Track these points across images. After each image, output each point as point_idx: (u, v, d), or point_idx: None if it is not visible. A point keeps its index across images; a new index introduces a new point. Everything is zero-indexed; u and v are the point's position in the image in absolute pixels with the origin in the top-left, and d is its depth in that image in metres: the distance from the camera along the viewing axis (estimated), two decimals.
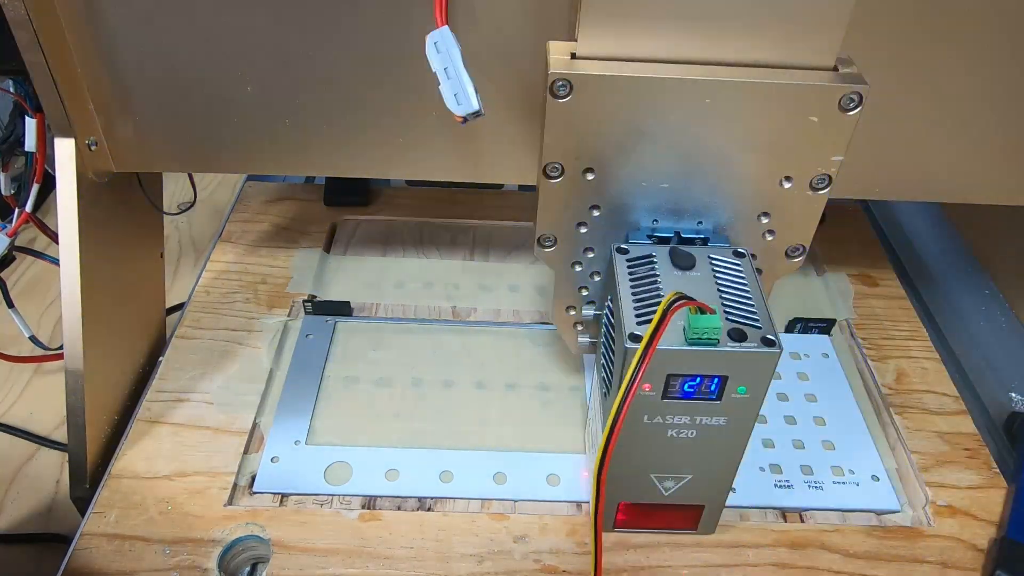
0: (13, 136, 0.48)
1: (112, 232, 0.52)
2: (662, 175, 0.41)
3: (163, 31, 0.43)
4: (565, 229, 0.43)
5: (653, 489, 0.43)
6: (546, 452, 0.51)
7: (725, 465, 0.42)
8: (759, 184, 0.41)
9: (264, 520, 0.46)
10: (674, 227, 0.43)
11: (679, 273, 0.40)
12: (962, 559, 0.46)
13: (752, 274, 0.40)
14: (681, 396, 0.38)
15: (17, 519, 0.58)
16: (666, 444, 0.40)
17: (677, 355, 0.36)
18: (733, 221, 0.43)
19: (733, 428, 0.39)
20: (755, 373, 0.37)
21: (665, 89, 0.38)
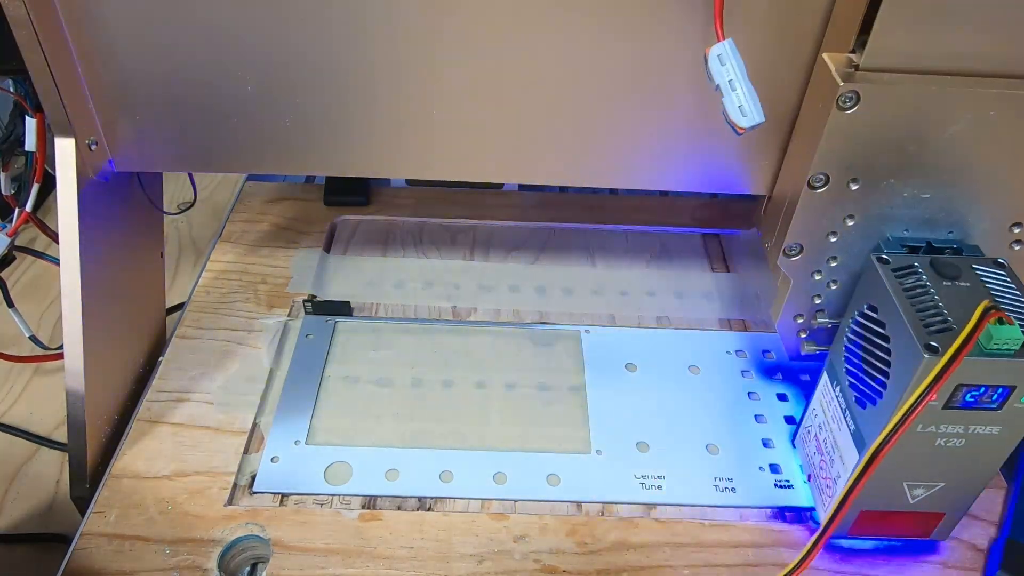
0: (13, 136, 0.48)
1: (112, 232, 0.52)
2: (927, 185, 0.41)
3: (163, 30, 0.43)
4: (815, 238, 0.44)
5: (900, 496, 0.42)
6: (546, 452, 0.51)
7: (984, 473, 0.41)
8: (1018, 195, 0.41)
9: (264, 520, 0.46)
10: (925, 236, 0.43)
11: (948, 284, 0.39)
12: (962, 559, 0.46)
13: (1019, 282, 0.40)
14: (962, 406, 0.38)
15: (17, 519, 0.58)
16: (931, 453, 0.40)
17: (974, 365, 0.36)
18: (985, 230, 0.43)
19: (1005, 437, 0.39)
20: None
21: (951, 101, 0.38)
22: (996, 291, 0.39)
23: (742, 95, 0.38)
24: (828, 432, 0.46)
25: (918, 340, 0.37)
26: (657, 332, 0.61)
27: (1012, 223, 0.43)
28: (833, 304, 0.46)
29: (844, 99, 0.38)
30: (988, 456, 0.41)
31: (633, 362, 0.58)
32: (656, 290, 0.65)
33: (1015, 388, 0.37)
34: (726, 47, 0.38)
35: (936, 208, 0.42)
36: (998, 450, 0.40)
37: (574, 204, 0.72)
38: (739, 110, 0.38)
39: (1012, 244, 0.44)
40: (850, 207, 0.42)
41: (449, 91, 0.45)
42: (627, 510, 0.48)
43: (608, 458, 0.51)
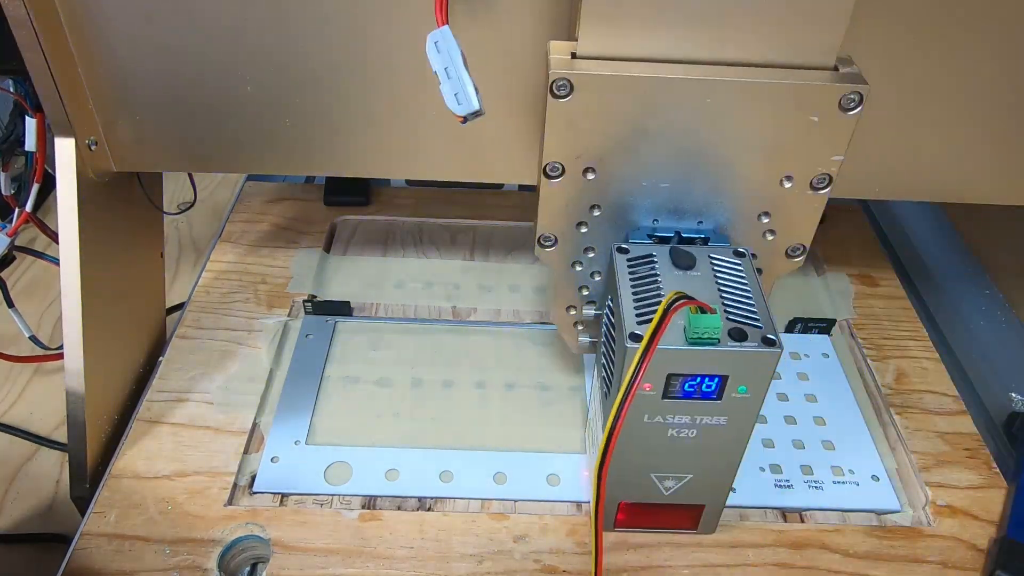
0: (13, 136, 0.48)
1: (112, 232, 0.52)
2: (663, 175, 0.41)
3: (163, 30, 0.43)
4: (565, 229, 0.43)
5: (654, 489, 0.43)
6: (546, 452, 0.51)
7: (726, 465, 0.42)
8: (760, 184, 0.41)
9: (264, 520, 0.46)
10: (675, 227, 0.43)
11: (680, 273, 0.40)
12: (962, 559, 0.46)
13: (752, 273, 0.40)
14: (682, 396, 0.38)
15: (17, 519, 0.58)
16: (667, 444, 0.40)
17: (678, 355, 0.36)
18: (734, 221, 0.43)
19: (733, 428, 0.39)
20: (756, 373, 0.37)
21: (665, 89, 0.38)
22: (725, 281, 0.39)
23: (458, 83, 0.37)
24: (597, 425, 0.46)
25: (627, 328, 0.37)
26: None
27: (760, 212, 0.43)
28: (599, 295, 0.47)
29: (557, 87, 0.38)
30: (724, 447, 0.41)
31: None
32: None
33: (727, 377, 0.37)
34: (442, 34, 0.38)
35: (679, 198, 0.42)
36: (732, 441, 0.40)
37: None
38: (455, 98, 0.37)
39: (764, 234, 0.43)
40: (593, 197, 0.42)
41: None
42: None
43: None
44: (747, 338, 0.36)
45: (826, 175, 0.41)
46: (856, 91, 0.37)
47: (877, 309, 0.63)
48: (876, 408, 0.56)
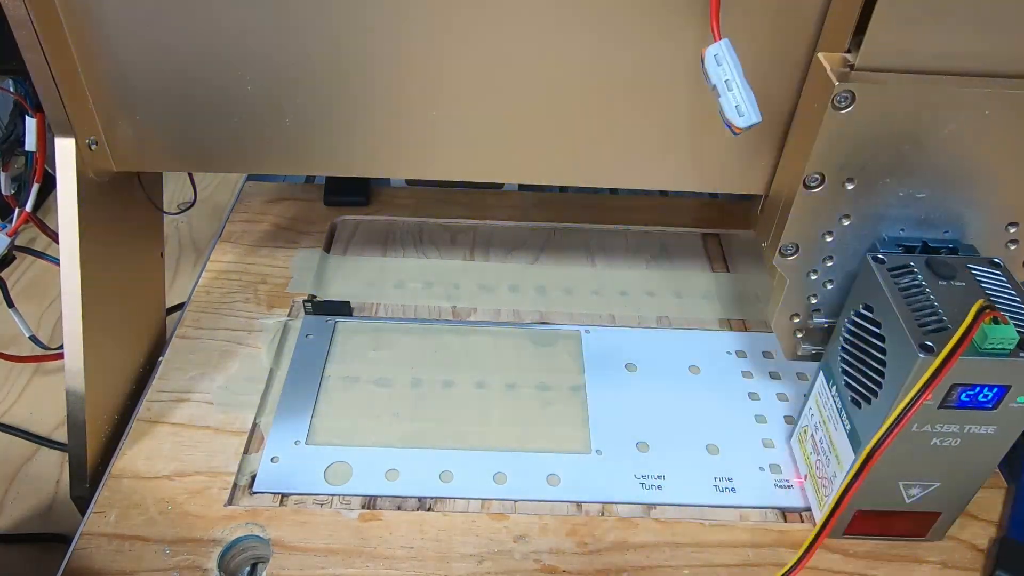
0: (13, 136, 0.48)
1: (112, 231, 0.52)
2: (923, 185, 0.41)
3: (163, 30, 0.43)
4: (810, 238, 0.44)
5: (896, 496, 0.43)
6: (546, 452, 0.51)
7: (980, 472, 0.42)
8: (1014, 194, 0.41)
9: (264, 520, 0.46)
10: (921, 236, 0.43)
11: (944, 283, 0.39)
12: (962, 559, 0.46)
13: (1015, 282, 0.40)
14: (957, 405, 0.38)
15: (17, 519, 0.58)
16: (927, 452, 0.40)
17: (969, 365, 0.36)
18: (981, 230, 0.43)
19: (1000, 437, 0.39)
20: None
21: (946, 100, 0.38)
22: (991, 290, 0.39)
23: (739, 95, 0.38)
24: (824, 431, 0.46)
25: (913, 340, 0.37)
26: (657, 332, 0.61)
27: (1008, 223, 0.43)
28: (829, 303, 0.46)
29: (839, 99, 0.38)
30: (984, 456, 0.41)
31: (633, 362, 0.58)
32: (656, 290, 0.65)
33: (1010, 388, 0.37)
34: (722, 47, 0.38)
35: (932, 208, 0.42)
36: (993, 450, 0.40)
37: (574, 204, 0.72)
38: (735, 110, 0.38)
39: (1008, 244, 0.44)
40: (846, 207, 0.42)
41: (449, 91, 0.45)
42: (627, 510, 0.48)
43: (608, 458, 0.51)
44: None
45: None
46: None
47: None
48: None
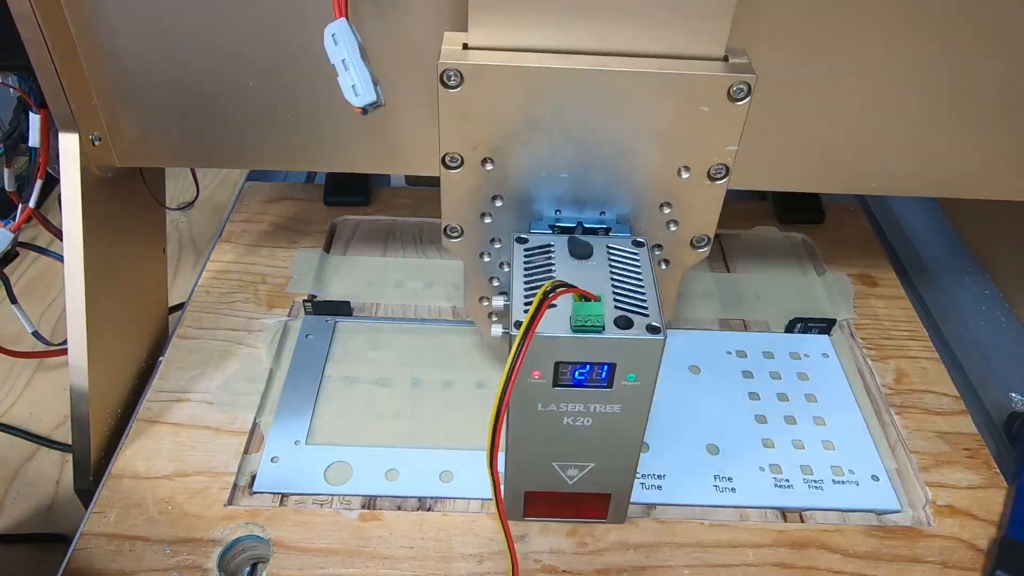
0: (17, 132, 0.48)
1: (115, 227, 0.52)
2: (560, 165, 0.41)
3: (166, 27, 0.43)
4: (470, 219, 0.44)
5: (558, 478, 0.43)
6: None
7: (625, 453, 0.42)
8: (657, 174, 0.41)
9: (264, 520, 0.46)
10: (577, 217, 0.43)
11: (576, 262, 0.40)
12: (962, 559, 0.46)
13: (648, 263, 0.40)
14: (573, 384, 0.38)
15: (17, 519, 0.58)
16: (564, 432, 0.40)
17: (563, 342, 0.36)
18: (636, 211, 0.43)
19: (628, 415, 0.39)
20: (642, 360, 0.37)
21: (553, 79, 0.38)
22: (619, 270, 0.39)
23: (355, 75, 0.38)
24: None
25: (513, 316, 0.37)
26: None
27: (661, 203, 0.43)
28: (508, 285, 0.47)
29: (447, 76, 0.38)
30: (621, 435, 0.41)
31: None
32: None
33: (615, 365, 0.37)
34: (340, 26, 0.38)
35: (580, 189, 0.42)
36: (628, 429, 0.40)
37: None
38: (352, 89, 0.38)
39: (668, 224, 0.43)
40: (494, 188, 0.42)
41: None
42: (627, 510, 0.48)
43: None
44: (633, 326, 0.36)
45: (723, 166, 0.41)
46: (744, 81, 0.38)
47: (877, 309, 0.63)
48: (876, 408, 0.56)
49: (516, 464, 0.43)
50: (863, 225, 0.72)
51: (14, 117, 0.49)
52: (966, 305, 0.70)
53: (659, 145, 0.40)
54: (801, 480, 0.50)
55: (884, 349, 0.60)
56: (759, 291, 0.65)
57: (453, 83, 0.38)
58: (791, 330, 0.62)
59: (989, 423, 0.59)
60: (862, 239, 0.70)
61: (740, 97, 0.38)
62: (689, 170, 0.41)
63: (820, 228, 0.71)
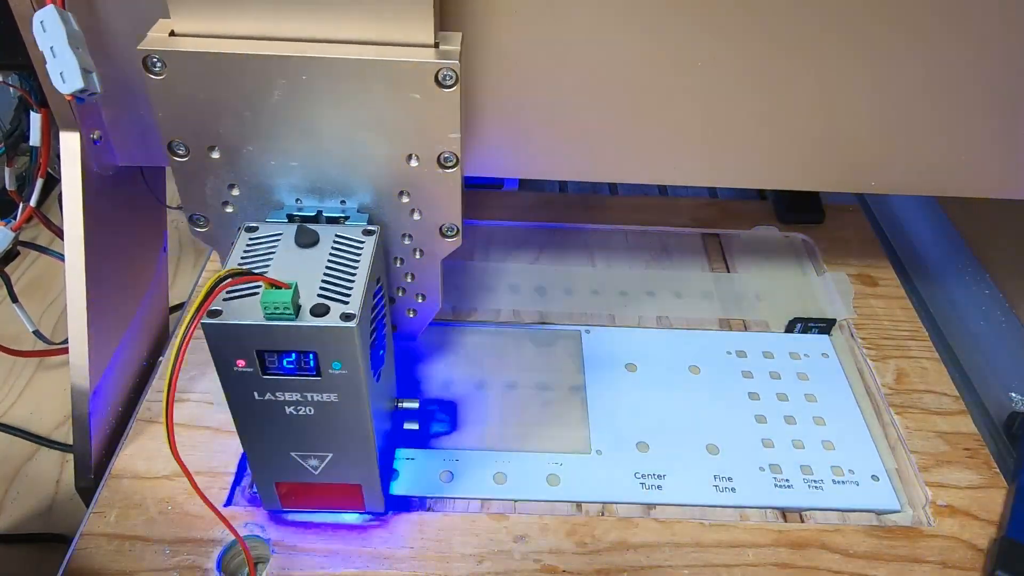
0: (18, 131, 0.48)
1: (116, 226, 0.52)
2: (287, 153, 0.41)
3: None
4: (212, 209, 0.43)
5: (301, 468, 0.43)
6: (546, 452, 0.51)
7: (358, 442, 0.41)
8: (386, 163, 0.41)
9: (264, 520, 0.46)
10: (318, 206, 0.43)
11: (298, 251, 0.39)
12: (962, 559, 0.46)
13: (371, 251, 0.40)
14: (283, 372, 0.38)
15: (17, 519, 0.58)
16: (289, 421, 0.40)
17: (256, 329, 0.36)
18: (376, 200, 0.42)
19: (347, 404, 0.39)
20: (340, 347, 0.36)
21: (255, 66, 0.37)
22: (337, 258, 0.39)
23: (63, 62, 0.37)
24: None
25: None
26: (657, 332, 0.61)
27: (397, 191, 0.42)
28: None
29: (150, 63, 0.37)
30: (348, 424, 0.40)
31: (633, 362, 0.58)
32: (656, 290, 0.65)
33: (318, 353, 0.37)
34: (48, 13, 0.38)
35: (314, 177, 0.41)
36: (352, 418, 0.40)
37: (574, 204, 0.72)
38: (60, 76, 0.38)
39: (412, 213, 0.43)
40: (226, 176, 0.42)
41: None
42: (627, 510, 0.48)
43: (608, 458, 0.51)
44: (328, 313, 0.36)
45: (452, 153, 0.40)
46: (450, 68, 0.37)
47: (877, 309, 0.63)
48: (876, 408, 0.56)
49: (256, 455, 0.42)
50: (863, 225, 0.72)
51: (15, 116, 0.49)
52: (966, 305, 0.70)
53: (380, 133, 0.40)
54: (801, 480, 0.50)
55: (884, 349, 0.60)
56: (759, 291, 0.65)
57: (157, 69, 0.37)
58: (791, 330, 0.62)
59: (989, 423, 0.59)
60: (862, 239, 0.70)
61: (449, 84, 0.38)
62: (418, 158, 0.41)
63: (820, 228, 0.71)
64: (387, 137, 0.40)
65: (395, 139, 0.40)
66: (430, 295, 0.48)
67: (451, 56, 0.37)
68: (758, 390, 0.56)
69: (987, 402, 0.61)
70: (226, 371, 0.38)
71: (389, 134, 0.40)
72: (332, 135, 0.40)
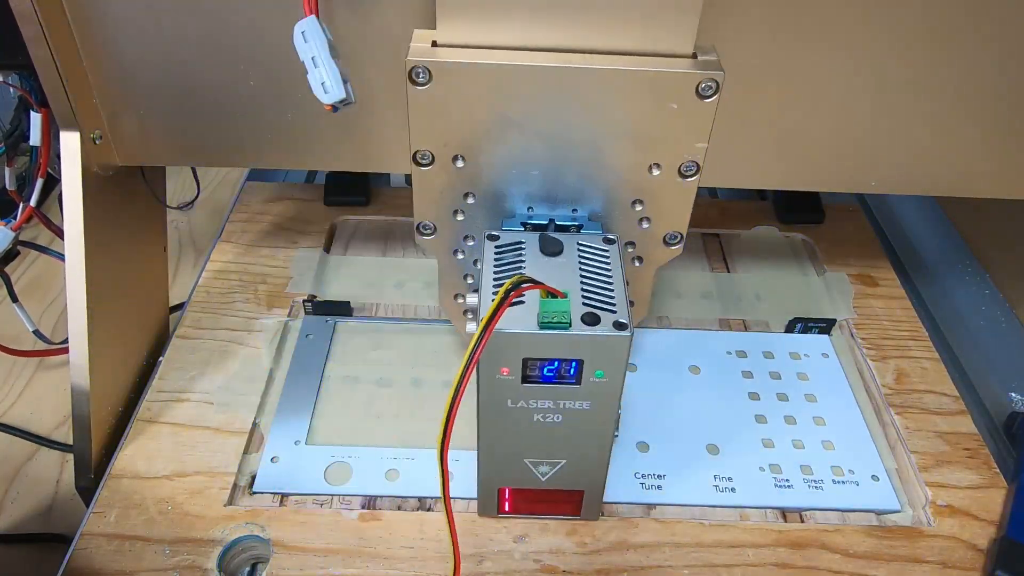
0: (18, 131, 0.48)
1: (116, 226, 0.52)
2: (532, 162, 0.41)
3: (167, 25, 0.43)
4: (442, 216, 0.44)
5: (530, 474, 0.43)
6: None
7: (596, 450, 0.42)
8: (628, 171, 0.41)
9: (264, 520, 0.46)
10: (549, 215, 0.43)
11: (546, 259, 0.40)
12: (962, 559, 0.46)
13: (618, 260, 0.40)
14: (542, 380, 0.38)
15: (17, 519, 0.58)
16: (534, 429, 0.40)
17: (529, 338, 0.36)
18: (607, 208, 0.43)
19: (597, 412, 0.40)
20: (609, 357, 0.37)
21: (522, 76, 0.38)
22: (588, 267, 0.39)
23: (324, 72, 0.38)
24: None
25: (480, 313, 0.37)
26: (657, 332, 0.61)
27: (633, 200, 0.43)
28: None
29: (416, 73, 0.38)
30: (591, 432, 0.41)
31: (633, 362, 0.58)
32: (656, 290, 0.65)
33: (583, 361, 0.37)
34: (310, 23, 0.38)
35: (551, 186, 0.42)
36: (596, 426, 0.40)
37: None
38: (321, 87, 0.38)
39: (640, 222, 0.43)
40: (465, 185, 0.42)
41: None
42: (627, 510, 0.48)
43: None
44: (599, 322, 0.36)
45: (693, 163, 0.41)
46: (712, 78, 0.38)
47: (877, 309, 0.63)
48: (876, 408, 0.56)
49: (488, 461, 0.43)
50: (863, 225, 0.72)
51: (15, 116, 0.49)
52: (966, 305, 0.70)
53: (629, 142, 0.40)
54: (801, 480, 0.50)
55: (884, 349, 0.60)
56: (759, 291, 0.65)
57: (422, 80, 0.38)
58: (791, 330, 0.62)
59: (989, 423, 0.59)
60: (862, 239, 0.70)
61: (708, 94, 0.38)
62: (660, 167, 0.41)
63: (820, 228, 0.71)
64: (635, 146, 0.40)
65: (642, 148, 0.40)
66: (639, 302, 0.48)
67: (714, 67, 0.38)
68: (758, 390, 0.56)
69: (987, 402, 0.61)
70: (488, 378, 0.38)
71: (638, 143, 0.40)
72: (580, 144, 0.40)
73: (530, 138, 0.40)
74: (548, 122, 0.40)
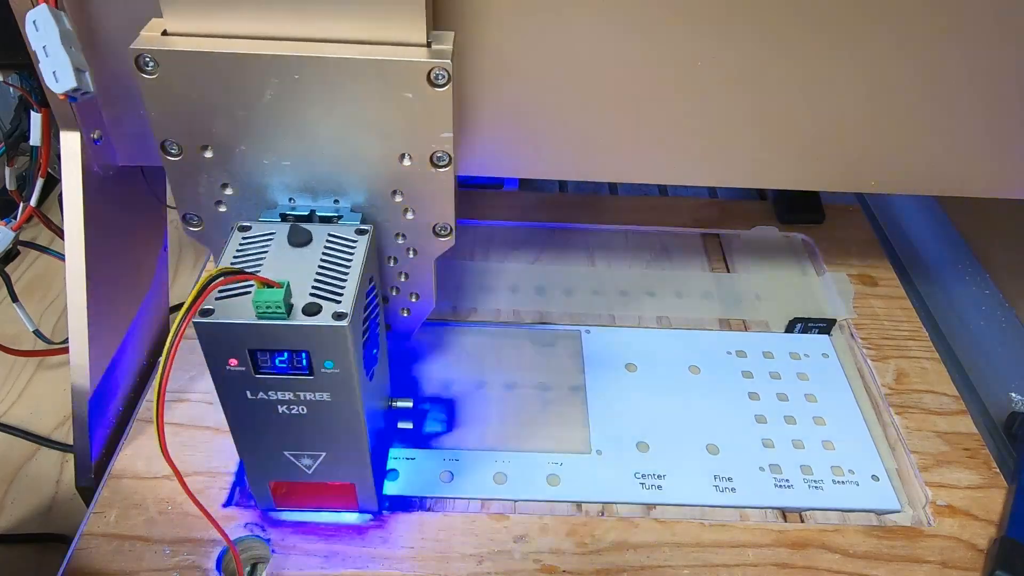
0: (18, 131, 0.48)
1: (116, 226, 0.52)
2: (280, 153, 0.41)
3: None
4: (205, 207, 0.43)
5: (295, 467, 0.43)
6: (546, 452, 0.51)
7: (352, 442, 0.42)
8: (379, 162, 0.41)
9: (264, 520, 0.46)
10: (311, 205, 0.42)
11: (291, 250, 0.39)
12: (962, 559, 0.46)
13: (363, 251, 0.40)
14: (275, 371, 0.38)
15: (17, 519, 0.58)
16: (283, 421, 0.40)
17: (247, 328, 0.36)
18: (370, 199, 0.42)
19: (340, 403, 0.39)
20: (333, 347, 0.37)
21: (248, 65, 0.37)
22: (329, 258, 0.39)
23: (56, 60, 0.37)
24: None
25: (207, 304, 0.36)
26: (657, 332, 0.61)
27: (390, 191, 0.42)
28: None
29: (142, 62, 0.37)
30: (341, 423, 0.40)
31: (633, 362, 0.58)
32: (656, 290, 0.65)
33: (311, 352, 0.37)
34: (41, 12, 0.38)
35: (307, 176, 0.41)
36: (345, 417, 0.40)
37: (574, 204, 0.72)
38: (53, 76, 0.38)
39: (405, 213, 0.43)
40: (220, 175, 0.41)
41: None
42: (627, 510, 0.48)
43: (608, 458, 0.51)
44: (320, 312, 0.36)
45: (444, 153, 0.40)
46: (442, 67, 0.37)
47: (877, 309, 0.63)
48: (876, 408, 0.56)
49: (249, 454, 0.42)
50: (863, 225, 0.72)
51: (15, 116, 0.49)
52: (966, 305, 0.70)
53: (372, 132, 0.40)
54: (801, 480, 0.50)
55: (884, 349, 0.60)
56: (759, 291, 0.65)
57: (149, 68, 0.37)
58: (791, 330, 0.62)
59: (989, 423, 0.59)
60: (862, 239, 0.70)
61: (441, 83, 0.38)
62: (411, 158, 0.41)
63: (820, 228, 0.71)
64: (380, 136, 0.40)
65: (388, 138, 0.40)
66: (424, 294, 0.48)
67: (443, 55, 0.37)
68: (758, 390, 0.56)
69: (987, 402, 0.61)
70: (218, 370, 0.38)
71: (382, 133, 0.40)
72: (325, 134, 0.40)
73: (274, 128, 0.39)
74: (288, 112, 0.39)
